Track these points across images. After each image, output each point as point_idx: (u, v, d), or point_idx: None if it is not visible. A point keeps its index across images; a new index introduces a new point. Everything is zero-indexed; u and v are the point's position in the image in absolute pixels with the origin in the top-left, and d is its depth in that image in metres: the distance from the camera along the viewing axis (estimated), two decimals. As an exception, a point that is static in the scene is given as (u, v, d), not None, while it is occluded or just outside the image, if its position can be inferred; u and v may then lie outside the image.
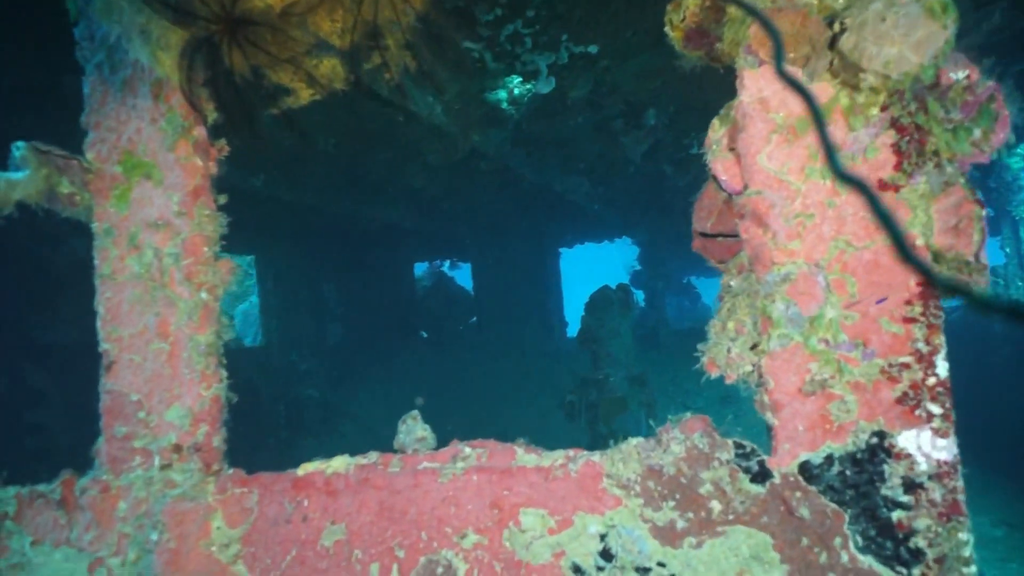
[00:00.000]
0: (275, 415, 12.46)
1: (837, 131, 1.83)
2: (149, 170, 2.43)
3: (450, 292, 14.91)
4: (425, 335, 14.93)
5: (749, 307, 1.92)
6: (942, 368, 1.75)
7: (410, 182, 8.43)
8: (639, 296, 14.34)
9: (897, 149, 1.79)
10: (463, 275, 15.78)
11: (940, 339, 1.76)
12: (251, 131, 2.29)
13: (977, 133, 1.76)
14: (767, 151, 1.87)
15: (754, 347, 1.89)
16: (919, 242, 1.77)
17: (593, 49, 5.39)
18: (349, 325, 14.61)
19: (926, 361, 1.75)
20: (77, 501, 2.42)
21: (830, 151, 1.68)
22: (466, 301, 14.95)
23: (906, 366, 1.76)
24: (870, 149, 1.80)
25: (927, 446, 1.73)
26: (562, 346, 14.17)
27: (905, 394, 1.75)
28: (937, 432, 1.73)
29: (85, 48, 2.51)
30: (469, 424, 12.76)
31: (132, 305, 2.43)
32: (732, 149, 1.98)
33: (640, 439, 2.01)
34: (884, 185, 1.80)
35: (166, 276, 2.41)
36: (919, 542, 1.71)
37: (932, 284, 1.75)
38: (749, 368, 1.90)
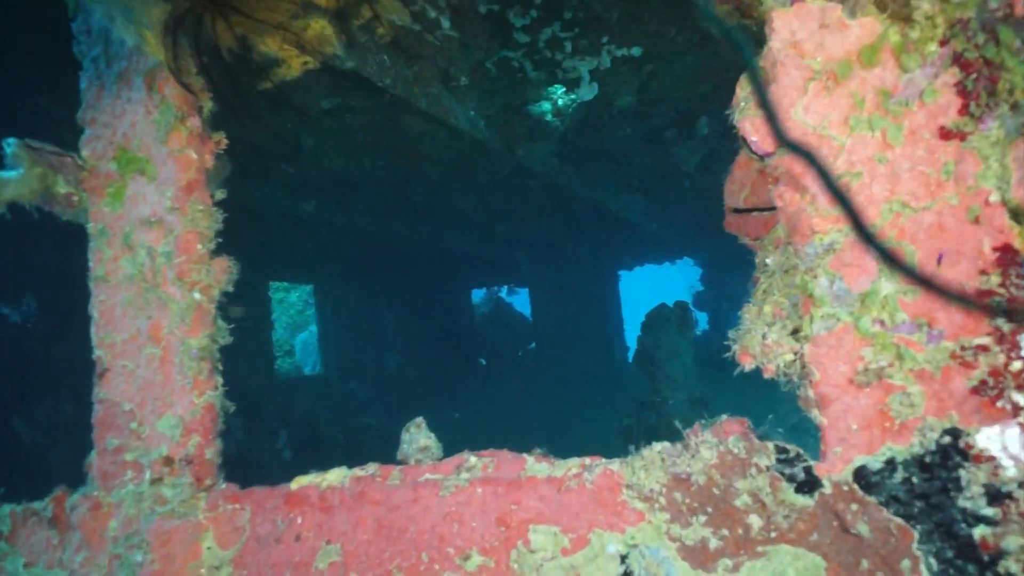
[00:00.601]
0: (334, 444, 12.41)
1: (887, 75, 1.54)
2: (143, 165, 2.30)
3: (508, 318, 14.72)
4: (484, 362, 14.74)
5: (788, 286, 1.63)
6: (1031, 350, 1.43)
7: (459, 202, 8.31)
8: (702, 318, 13.86)
9: (962, 89, 1.49)
10: (521, 301, 15.58)
11: (1025, 314, 1.44)
12: (244, 110, 2.14)
13: (1061, 66, 1.45)
14: (803, 103, 1.60)
15: (795, 332, 1.60)
16: (993, 198, 1.47)
17: (636, 51, 5.16)
18: (407, 353, 14.54)
19: (1008, 342, 1.43)
20: (68, 519, 2.27)
21: (765, 102, 1.41)
22: (524, 327, 14.72)
23: (983, 348, 1.44)
24: (928, 92, 1.51)
25: (1015, 446, 1.40)
26: (623, 371, 13.76)
27: (983, 382, 1.43)
28: (1026, 428, 1.40)
29: (83, 42, 2.41)
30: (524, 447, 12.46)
31: (125, 308, 2.29)
32: (763, 106, 1.71)
33: (665, 443, 1.73)
34: (947, 133, 1.50)
35: (158, 276, 2.26)
36: (1010, 566, 1.39)
37: (900, 271, 1.43)
38: (790, 357, 1.61)
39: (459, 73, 5.35)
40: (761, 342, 1.61)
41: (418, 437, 2.01)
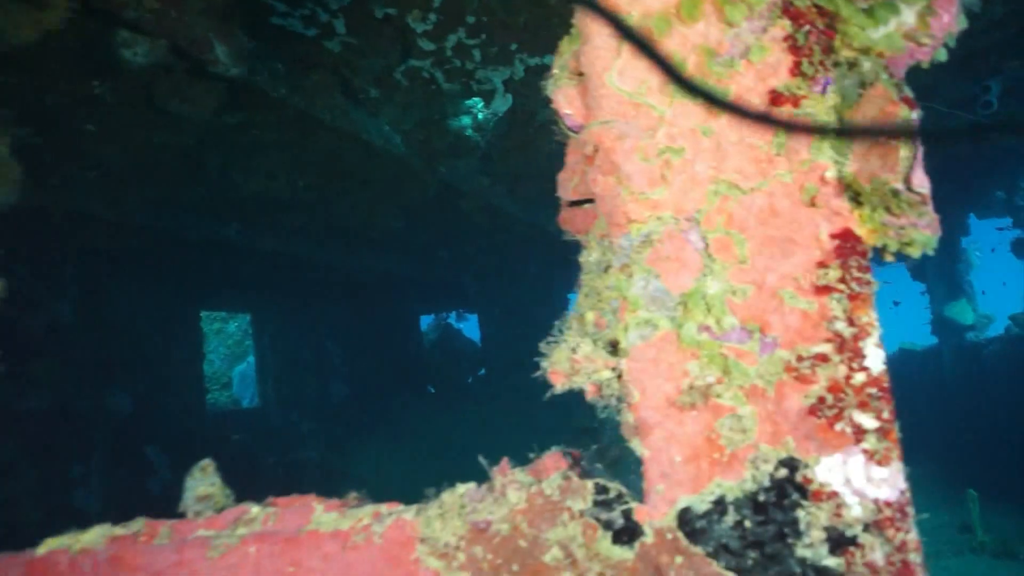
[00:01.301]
0: (272, 479, 11.88)
1: (711, 30, 1.28)
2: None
3: (456, 344, 14.36)
4: (432, 390, 14.35)
5: (607, 288, 1.34)
6: (875, 359, 1.15)
7: (390, 223, 8.00)
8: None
9: (793, 45, 1.23)
10: (471, 327, 15.26)
11: (870, 315, 1.17)
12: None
13: (908, 15, 1.20)
14: (618, 66, 1.33)
15: (614, 344, 1.31)
16: (830, 174, 1.20)
17: (550, 60, 4.93)
18: (354, 383, 14.08)
19: (850, 349, 1.16)
20: None
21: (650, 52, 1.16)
22: (473, 353, 14.38)
23: (821, 358, 1.17)
24: (755, 49, 1.25)
25: (859, 479, 1.12)
26: (579, 395, 13.46)
27: (821, 400, 1.15)
28: (873, 457, 1.12)
29: None
30: (476, 479, 12.08)
31: None
32: (582, 74, 1.44)
33: (471, 485, 1.43)
34: (778, 98, 1.24)
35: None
36: (863, 630, 1.10)
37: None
38: (607, 374, 1.32)
39: (364, 84, 5.07)
40: (570, 356, 1.32)
41: (199, 483, 1.68)
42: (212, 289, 11.21)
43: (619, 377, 1.31)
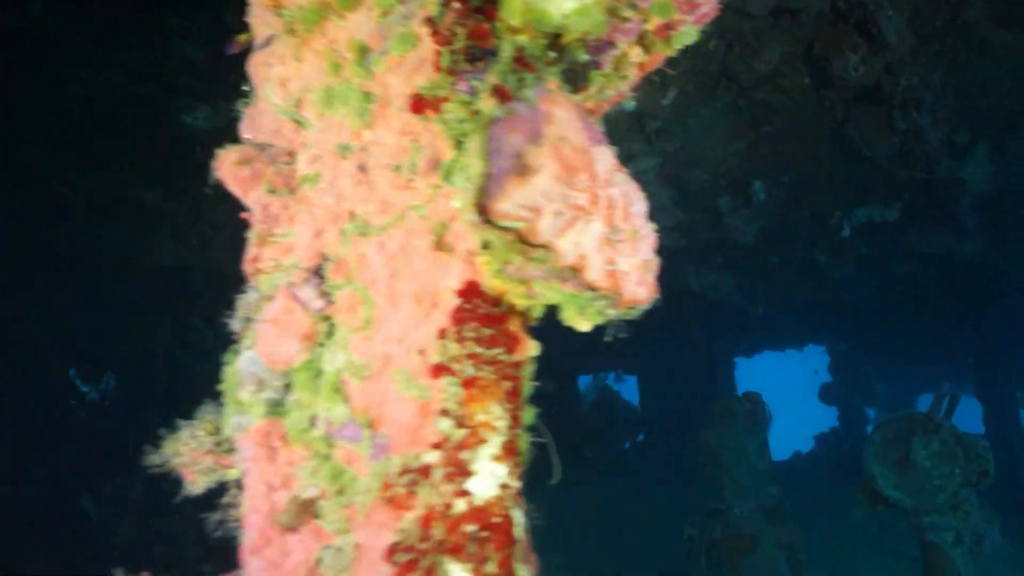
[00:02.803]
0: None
1: (364, 20, 0.97)
2: None
3: (615, 407, 13.79)
4: (589, 455, 13.86)
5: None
6: (487, 478, 0.75)
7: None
8: (831, 413, 12.24)
9: (435, 30, 0.89)
10: (629, 388, 14.65)
11: (490, 411, 0.77)
12: None
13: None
14: (278, 74, 1.05)
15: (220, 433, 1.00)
16: (456, 203, 0.83)
17: (629, 106, 4.59)
18: (511, 442, 13.97)
19: (453, 462, 0.77)
20: None
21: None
22: (632, 416, 13.73)
23: (423, 472, 0.78)
24: (399, 40, 0.92)
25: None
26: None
27: (401, 543, 0.77)
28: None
29: None
30: (629, 557, 11.38)
31: None
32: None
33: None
34: (420, 103, 0.89)
35: None
36: None
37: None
38: (233, 472, 1.00)
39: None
40: (179, 450, 1.02)
41: None
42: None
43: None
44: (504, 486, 0.75)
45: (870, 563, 8.68)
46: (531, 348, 0.83)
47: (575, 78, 0.88)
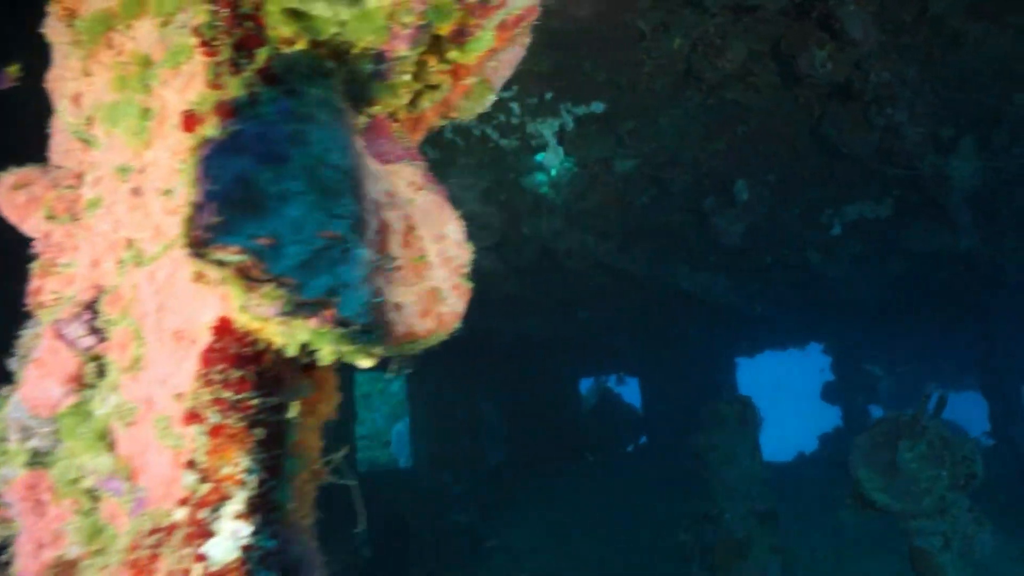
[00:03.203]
0: (422, 542, 11.88)
1: (149, 30, 0.89)
2: None
3: (616, 410, 13.69)
4: (591, 458, 13.76)
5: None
6: (226, 541, 0.67)
7: (502, 286, 7.79)
8: (833, 413, 12.08)
9: (204, 40, 0.81)
10: (631, 390, 14.53)
11: (238, 463, 0.69)
12: None
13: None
14: (69, 90, 0.97)
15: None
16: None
17: (597, 107, 4.50)
18: (510, 446, 13.88)
19: (195, 521, 0.69)
20: None
21: None
22: (633, 420, 13.62)
23: (170, 532, 0.71)
24: (173, 52, 0.84)
25: None
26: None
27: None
28: None
29: None
30: (627, 561, 11.24)
31: None
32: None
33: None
34: (191, 119, 0.82)
35: None
36: None
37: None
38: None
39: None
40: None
41: None
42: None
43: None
44: (247, 547, 0.66)
45: (871, 563, 8.53)
46: (303, 388, 0.74)
47: (362, 90, 0.80)
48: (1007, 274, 8.36)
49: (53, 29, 0.98)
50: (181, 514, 0.71)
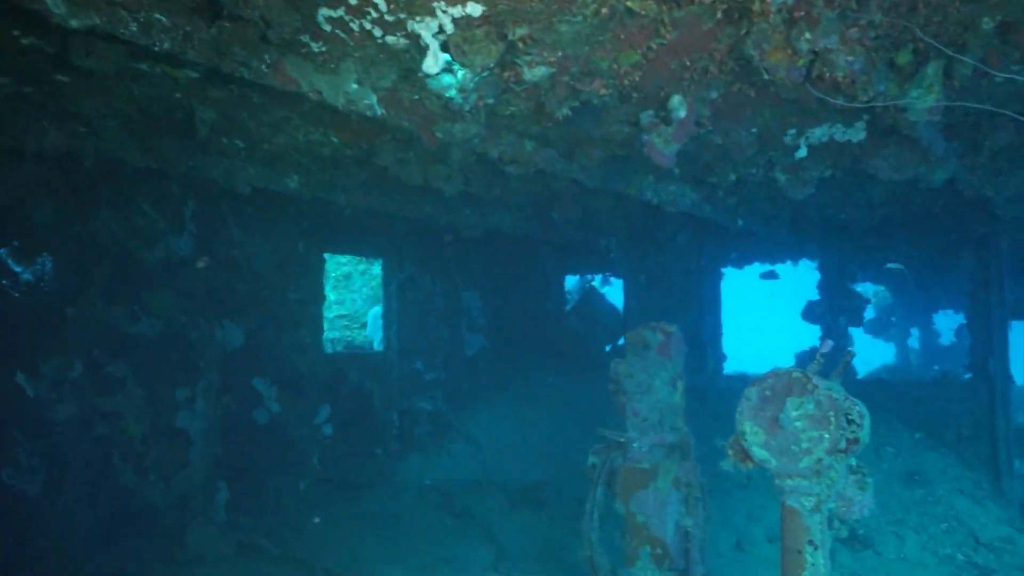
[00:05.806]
0: (388, 425, 12.12)
1: None
2: None
3: (597, 310, 13.48)
4: (568, 354, 13.71)
5: None
6: None
7: (442, 185, 7.41)
8: (813, 331, 11.70)
9: None
10: (616, 292, 14.26)
11: None
12: None
13: None
14: None
15: None
16: None
17: (475, 9, 3.96)
18: (491, 335, 13.86)
19: None
20: None
21: None
22: (614, 321, 13.43)
23: None
24: None
25: None
26: (715, 384, 12.06)
27: None
28: None
29: None
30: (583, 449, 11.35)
31: None
32: None
33: None
34: None
35: None
36: None
37: None
38: None
39: (295, 36, 4.45)
40: None
41: None
42: (340, 233, 11.43)
43: None
44: None
45: (756, 497, 8.44)
46: None
47: None
48: (996, 206, 7.67)
49: None
50: None
